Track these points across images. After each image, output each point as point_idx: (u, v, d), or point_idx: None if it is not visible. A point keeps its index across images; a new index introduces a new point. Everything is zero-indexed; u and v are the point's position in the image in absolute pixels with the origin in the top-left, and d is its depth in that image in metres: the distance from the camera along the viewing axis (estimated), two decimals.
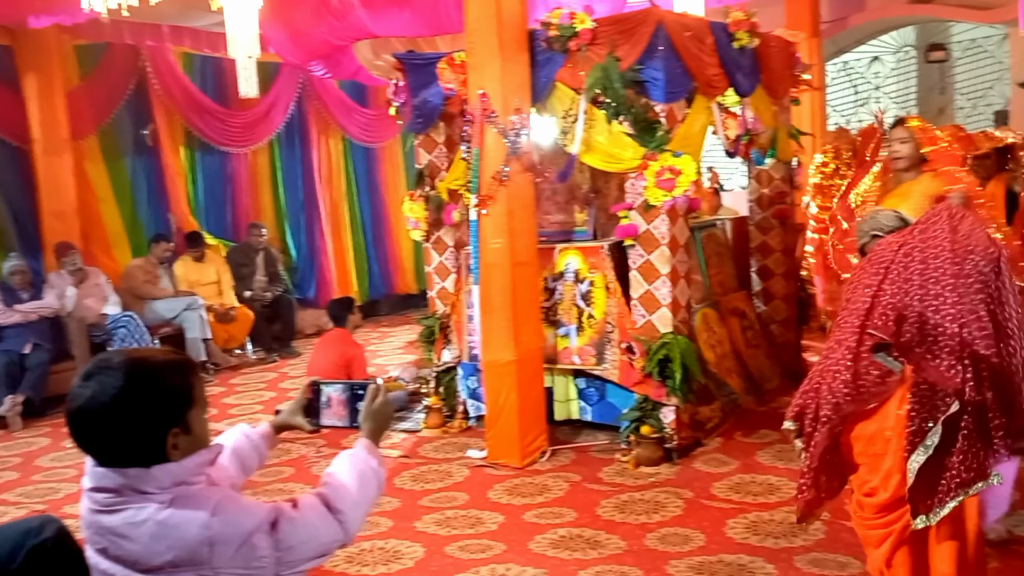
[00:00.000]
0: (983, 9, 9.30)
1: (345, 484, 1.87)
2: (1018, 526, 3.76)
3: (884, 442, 2.72)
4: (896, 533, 2.75)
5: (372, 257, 11.05)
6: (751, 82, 5.60)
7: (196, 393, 1.73)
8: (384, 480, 1.98)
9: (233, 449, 2.06)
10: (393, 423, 2.09)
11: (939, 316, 2.58)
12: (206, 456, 1.75)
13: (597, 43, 4.89)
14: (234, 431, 2.14)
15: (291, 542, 1.70)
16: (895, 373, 2.69)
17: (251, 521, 1.67)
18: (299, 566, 1.73)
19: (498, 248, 5.02)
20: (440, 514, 4.45)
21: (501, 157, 4.95)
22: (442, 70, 5.57)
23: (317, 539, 1.75)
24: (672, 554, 3.79)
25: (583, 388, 5.47)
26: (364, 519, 1.90)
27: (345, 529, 1.82)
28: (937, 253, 2.66)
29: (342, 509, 1.81)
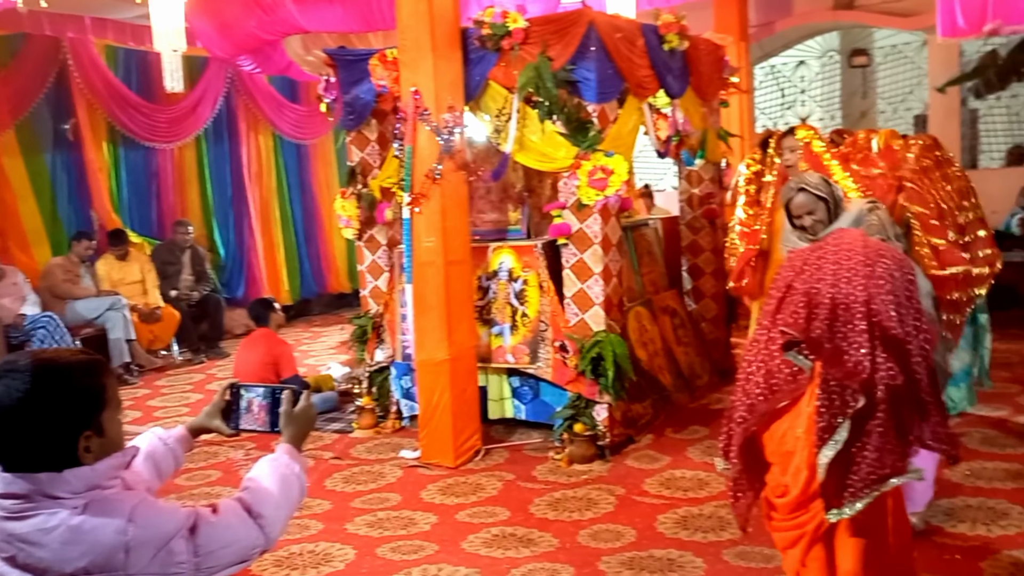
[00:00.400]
0: (903, 16, 9.60)
1: (266, 489, 1.84)
2: (934, 516, 3.89)
3: (795, 439, 2.78)
4: (809, 533, 2.80)
5: (304, 256, 10.90)
6: (681, 84, 5.68)
7: (109, 394, 1.68)
8: (306, 485, 1.94)
9: (148, 453, 2.01)
10: (315, 427, 2.00)
11: (849, 287, 2.65)
12: (120, 459, 1.70)
13: (530, 42, 4.90)
14: (148, 434, 2.07)
15: (210, 547, 1.67)
16: (805, 371, 2.76)
17: (169, 526, 1.63)
18: (218, 572, 1.70)
19: (431, 247, 4.99)
20: (372, 515, 4.41)
21: (434, 155, 4.92)
22: (374, 67, 5.51)
23: (237, 544, 1.72)
24: (604, 550, 3.82)
25: (517, 387, 5.48)
26: (286, 524, 1.87)
27: (266, 534, 1.78)
28: (850, 255, 2.74)
29: (263, 514, 1.78)
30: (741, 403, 2.87)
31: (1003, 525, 3.78)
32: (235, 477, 5.06)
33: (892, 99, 11.41)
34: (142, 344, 8.16)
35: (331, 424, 5.99)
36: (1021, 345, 6.91)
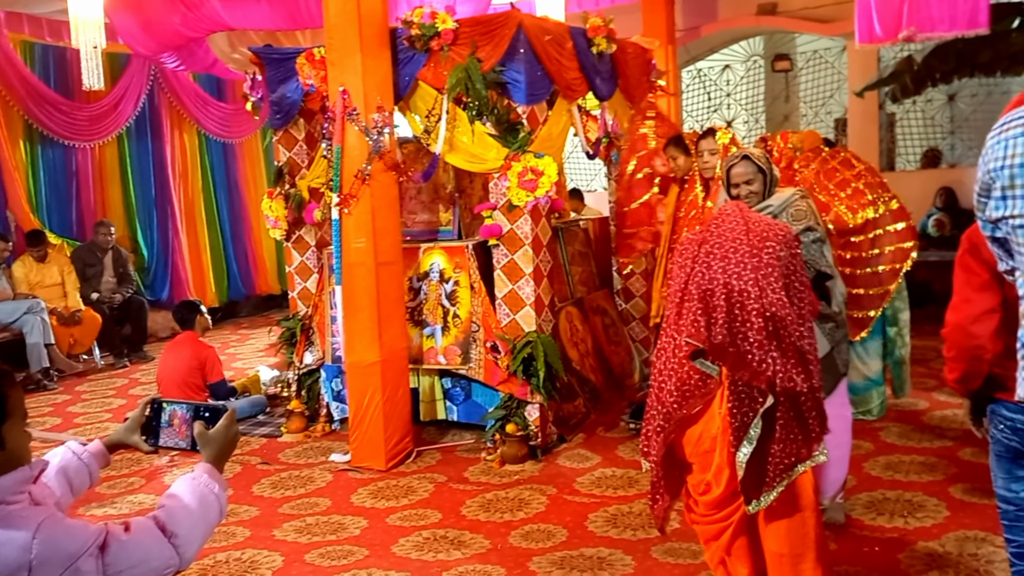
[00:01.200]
0: (823, 22, 9.88)
1: (183, 507, 1.79)
2: (853, 510, 4.01)
3: (711, 440, 2.86)
4: (735, 524, 2.89)
5: (231, 257, 10.69)
6: (609, 87, 5.74)
7: (11, 405, 1.63)
8: (226, 505, 1.90)
9: (61, 467, 1.94)
10: (236, 447, 1.97)
11: (741, 283, 2.70)
12: (26, 473, 1.64)
13: (459, 43, 4.89)
14: (62, 448, 2.01)
15: (120, 566, 1.62)
16: (714, 376, 2.82)
17: (76, 544, 1.58)
18: None
19: (361, 247, 4.95)
20: (300, 521, 4.34)
21: (363, 155, 4.88)
22: (301, 65, 5.44)
23: (148, 563, 1.68)
24: (535, 550, 3.84)
25: (449, 388, 5.47)
26: (202, 544, 1.83)
27: (180, 554, 1.74)
28: (736, 247, 2.78)
29: (177, 533, 1.74)
30: (657, 411, 2.91)
31: (919, 517, 3.91)
32: (159, 484, 4.94)
33: (813, 103, 11.71)
34: (62, 348, 7.89)
35: (259, 428, 5.89)
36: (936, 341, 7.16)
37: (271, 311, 10.87)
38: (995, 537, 3.62)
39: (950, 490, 4.18)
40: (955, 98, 10.35)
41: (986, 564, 3.43)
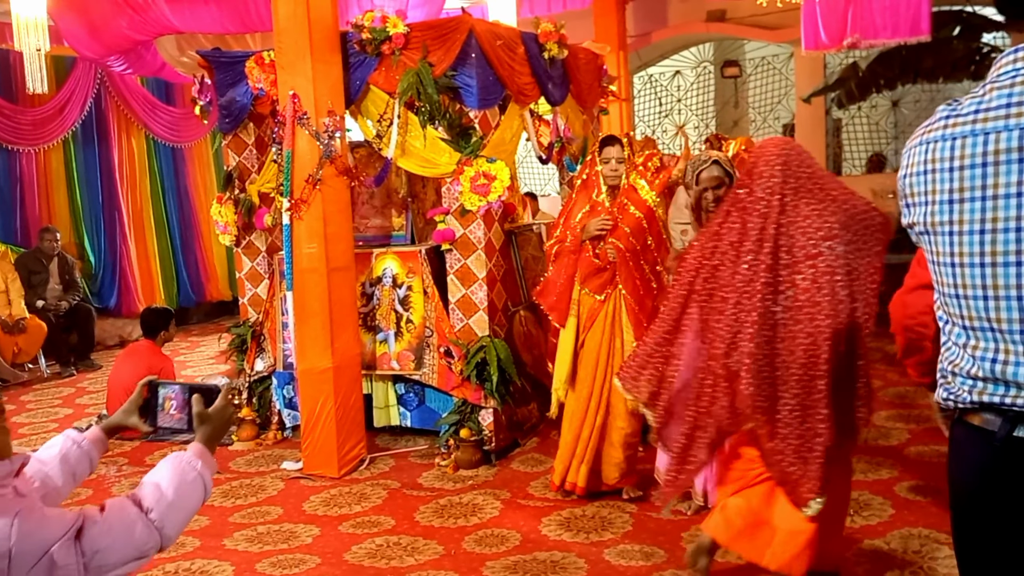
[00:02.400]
0: (771, 29, 10.05)
1: (160, 485, 1.79)
2: None
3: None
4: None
5: (180, 263, 10.53)
6: (561, 92, 5.77)
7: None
8: (210, 485, 1.89)
9: (62, 456, 1.95)
10: (229, 426, 2.01)
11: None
12: (7, 467, 1.64)
13: (410, 48, 4.88)
14: (61, 437, 2.01)
15: (97, 546, 1.64)
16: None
17: (52, 533, 1.59)
18: (111, 571, 1.66)
19: (313, 253, 4.91)
20: (252, 530, 4.29)
21: (314, 160, 4.85)
22: (251, 69, 5.39)
23: (126, 542, 1.68)
24: (489, 555, 3.84)
25: (402, 394, 5.44)
26: (183, 523, 1.82)
27: (158, 530, 1.74)
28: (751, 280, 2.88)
29: (152, 508, 1.74)
30: (705, 425, 2.96)
31: (865, 516, 3.99)
32: (107, 495, 4.84)
33: (762, 109, 11.91)
34: (6, 357, 7.70)
35: None
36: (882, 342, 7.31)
37: (222, 318, 10.72)
38: (938, 534, 3.72)
39: (895, 488, 4.27)
40: (899, 104, 10.61)
41: (929, 561, 3.51)
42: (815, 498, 2.85)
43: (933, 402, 2.25)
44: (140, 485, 1.81)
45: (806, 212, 2.86)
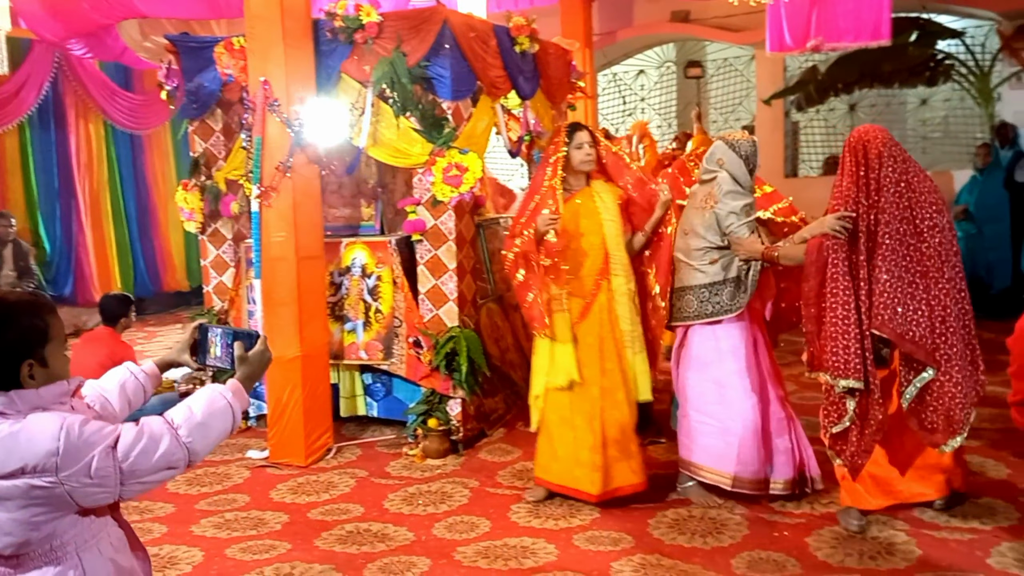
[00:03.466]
0: (734, 31, 10.21)
1: (191, 407, 1.98)
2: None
3: None
4: None
5: (138, 252, 10.36)
6: (532, 86, 5.82)
7: (52, 332, 1.92)
8: (239, 416, 2.06)
9: (120, 384, 2.22)
10: (265, 369, 2.21)
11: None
12: (64, 387, 1.93)
13: (383, 37, 4.89)
14: (120, 368, 2.27)
15: (131, 454, 1.85)
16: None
17: (94, 440, 1.83)
18: (143, 477, 1.88)
19: (282, 241, 4.89)
20: (219, 517, 4.27)
21: (285, 147, 4.83)
22: (220, 55, 5.35)
23: (156, 453, 1.88)
24: (460, 541, 3.87)
25: (369, 384, 5.45)
26: (210, 445, 1.99)
27: (186, 446, 1.92)
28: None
29: (182, 426, 1.94)
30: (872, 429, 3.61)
31: (825, 503, 4.09)
32: None
33: (723, 109, 12.08)
34: None
35: None
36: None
37: (179, 308, 10.60)
38: (895, 521, 3.84)
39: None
40: (856, 108, 10.83)
41: (887, 546, 3.62)
42: (957, 436, 3.50)
43: None
44: (174, 407, 2.00)
45: (923, 187, 3.52)
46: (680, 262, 4.19)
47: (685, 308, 4.15)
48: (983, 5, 8.98)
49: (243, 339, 2.15)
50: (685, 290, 4.16)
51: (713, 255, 4.07)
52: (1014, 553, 3.49)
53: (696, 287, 4.11)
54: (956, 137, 10.30)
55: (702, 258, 4.09)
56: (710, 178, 4.14)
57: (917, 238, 3.49)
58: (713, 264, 4.07)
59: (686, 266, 4.15)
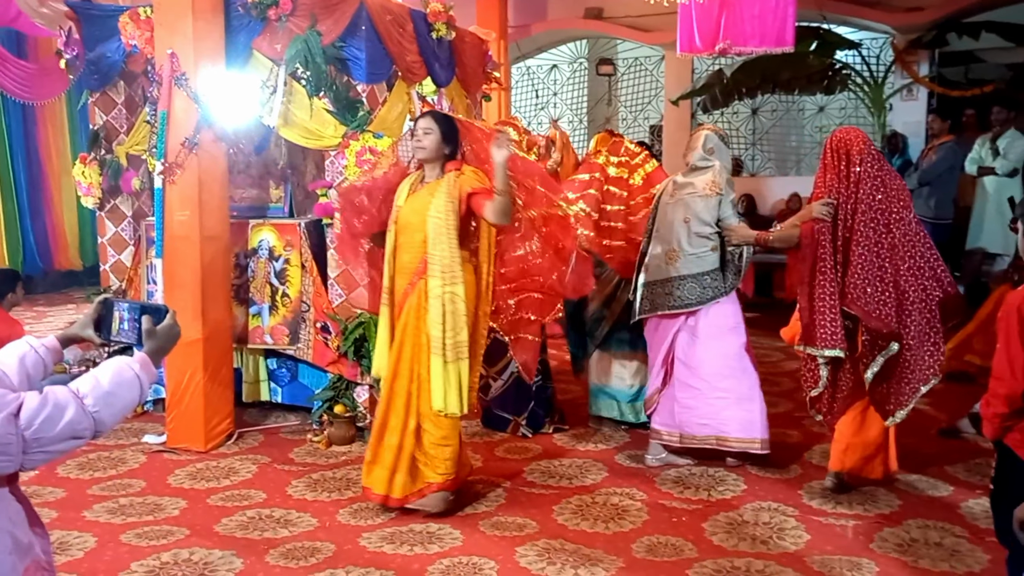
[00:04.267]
0: (645, 31, 10.42)
1: (97, 377, 1.93)
2: (663, 484, 4.30)
3: None
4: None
5: (27, 228, 9.89)
6: (448, 73, 5.81)
7: None
8: (147, 389, 2.02)
9: (20, 358, 2.10)
10: (174, 345, 2.14)
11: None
12: None
13: (297, 15, 4.80)
14: (20, 342, 2.15)
15: (34, 422, 1.79)
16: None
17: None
18: (47, 446, 1.82)
19: (185, 220, 4.76)
20: (113, 502, 4.13)
21: (191, 123, 4.70)
22: (124, 24, 5.16)
23: (61, 421, 1.82)
24: (364, 527, 3.85)
25: (274, 369, 5.36)
26: (116, 415, 1.95)
27: (91, 416, 1.87)
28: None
29: (88, 395, 1.88)
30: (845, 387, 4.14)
31: (720, 490, 4.25)
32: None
33: (633, 108, 12.31)
34: None
35: None
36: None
37: (71, 288, 10.16)
38: (785, 507, 4.02)
39: (747, 466, 4.55)
40: (758, 112, 11.20)
41: (777, 531, 3.78)
42: (902, 409, 3.93)
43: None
44: (79, 378, 1.93)
45: (894, 185, 3.96)
46: (672, 252, 4.41)
47: (686, 296, 4.39)
48: (880, 19, 9.42)
49: (151, 313, 2.08)
50: (684, 279, 4.39)
51: (716, 241, 4.37)
52: (895, 538, 3.70)
53: (699, 274, 4.37)
54: None
55: (705, 244, 4.36)
56: (706, 166, 4.41)
57: (887, 228, 3.91)
58: (714, 251, 4.37)
59: (683, 255, 4.38)
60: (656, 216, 4.55)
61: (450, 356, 3.78)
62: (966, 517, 3.91)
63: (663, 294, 4.45)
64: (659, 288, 4.46)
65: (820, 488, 4.23)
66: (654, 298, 4.48)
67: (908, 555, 3.55)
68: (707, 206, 4.32)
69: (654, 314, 4.51)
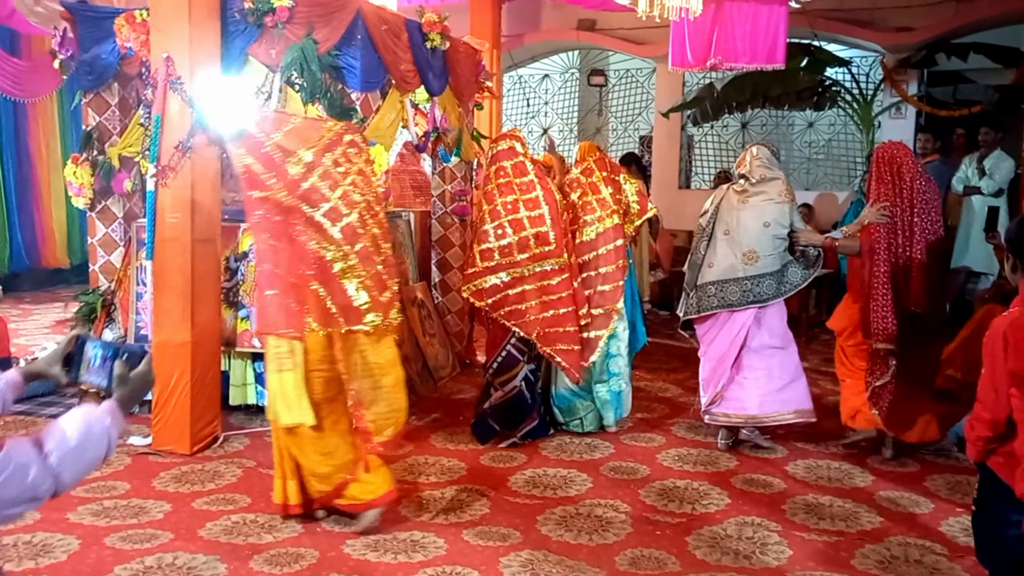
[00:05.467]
0: (637, 43, 10.48)
1: (64, 431, 1.75)
2: (648, 496, 4.32)
3: None
4: None
5: (15, 225, 9.83)
6: (441, 82, 5.84)
7: None
8: (115, 444, 1.84)
9: None
10: (147, 392, 2.01)
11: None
12: None
13: (294, 22, 4.82)
14: None
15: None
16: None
17: None
18: (4, 509, 1.65)
19: (177, 222, 4.76)
20: (97, 504, 4.12)
21: (185, 127, 4.71)
22: (120, 27, 5.16)
23: (20, 481, 1.65)
24: (348, 534, 3.86)
25: (261, 372, 5.34)
26: (81, 473, 1.78)
27: (54, 474, 1.70)
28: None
29: (53, 452, 1.71)
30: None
31: (704, 504, 4.28)
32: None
33: (623, 119, 12.36)
34: None
35: (47, 409, 5.50)
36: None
37: (57, 286, 10.12)
38: (769, 522, 4.05)
39: (731, 480, 4.60)
40: (747, 126, 11.28)
41: (760, 546, 3.82)
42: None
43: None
44: (47, 426, 1.77)
45: (934, 199, 4.70)
46: (751, 253, 4.94)
47: (764, 291, 4.94)
48: (870, 38, 9.52)
49: (128, 356, 1.93)
50: (764, 277, 4.94)
51: (787, 242, 4.97)
52: (875, 555, 3.74)
53: (775, 272, 4.95)
54: (838, 160, 10.87)
55: (781, 246, 4.95)
56: (773, 176, 5.02)
57: (935, 235, 4.62)
58: (785, 252, 4.97)
59: (762, 255, 4.93)
60: (716, 222, 5.08)
61: (273, 367, 3.78)
62: (947, 535, 3.96)
63: (739, 291, 4.97)
64: (733, 286, 4.98)
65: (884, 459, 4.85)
66: (725, 295, 5.01)
67: (889, 572, 3.60)
68: (782, 212, 4.92)
69: (724, 309, 5.02)
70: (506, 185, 4.96)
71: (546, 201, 4.94)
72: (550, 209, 4.92)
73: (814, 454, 5.04)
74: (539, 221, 4.91)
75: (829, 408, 5.59)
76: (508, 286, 4.94)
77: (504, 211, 4.92)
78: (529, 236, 4.90)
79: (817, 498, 4.37)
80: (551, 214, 4.92)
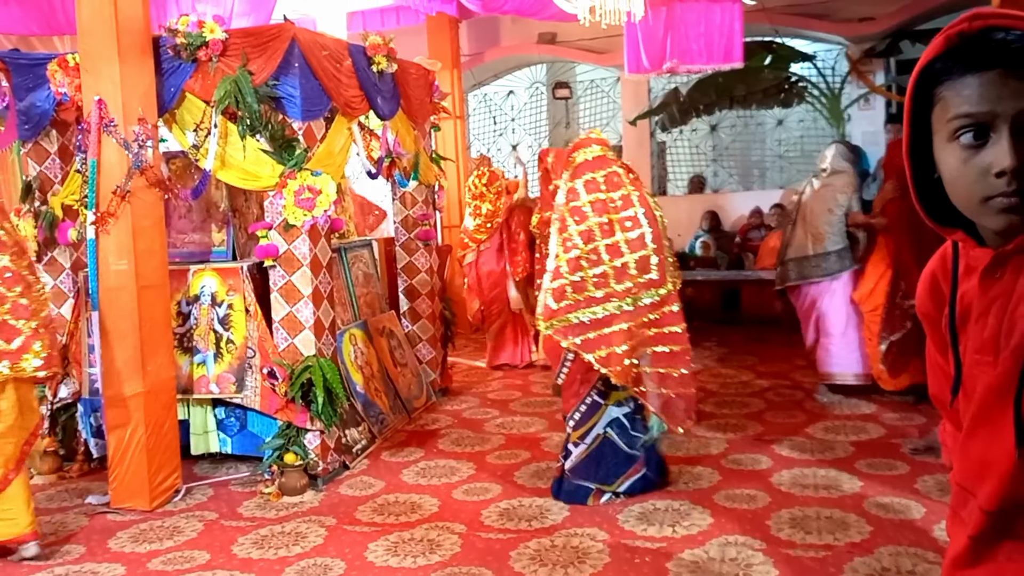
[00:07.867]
0: (599, 53, 10.37)
1: None
2: (627, 521, 4.14)
3: None
4: None
5: None
6: (392, 106, 5.68)
7: None
8: None
9: None
10: None
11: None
12: None
13: (228, 55, 4.66)
14: None
15: None
16: None
17: None
18: None
19: (122, 270, 4.57)
20: (48, 572, 3.91)
21: (123, 170, 4.53)
22: (53, 72, 5.00)
23: None
24: None
25: (222, 418, 5.16)
26: None
27: None
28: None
29: None
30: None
31: (686, 526, 4.09)
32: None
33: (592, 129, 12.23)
34: None
35: None
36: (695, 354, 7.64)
37: None
38: (753, 541, 3.87)
39: (713, 497, 4.41)
40: (717, 128, 11.17)
41: (745, 568, 3.63)
42: None
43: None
44: None
45: None
46: (819, 234, 5.83)
47: (831, 266, 5.83)
48: (832, 30, 9.42)
49: None
50: (830, 254, 5.81)
51: (845, 225, 5.83)
52: (866, 568, 3.56)
53: (839, 250, 5.82)
54: (810, 156, 10.74)
55: (843, 229, 5.81)
56: (843, 169, 5.86)
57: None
58: (843, 233, 5.83)
59: (829, 236, 5.81)
60: (799, 209, 6.00)
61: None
62: (939, 541, 3.78)
63: (811, 266, 5.88)
64: (806, 263, 5.89)
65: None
66: (801, 269, 5.91)
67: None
68: (842, 201, 5.79)
69: (803, 282, 5.95)
70: (600, 203, 4.24)
71: (647, 220, 4.25)
72: (652, 231, 4.24)
73: (800, 462, 4.87)
74: (639, 244, 4.22)
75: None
76: (603, 323, 4.18)
77: (601, 233, 4.22)
78: (629, 262, 4.20)
79: (803, 510, 4.18)
80: (653, 236, 4.24)
